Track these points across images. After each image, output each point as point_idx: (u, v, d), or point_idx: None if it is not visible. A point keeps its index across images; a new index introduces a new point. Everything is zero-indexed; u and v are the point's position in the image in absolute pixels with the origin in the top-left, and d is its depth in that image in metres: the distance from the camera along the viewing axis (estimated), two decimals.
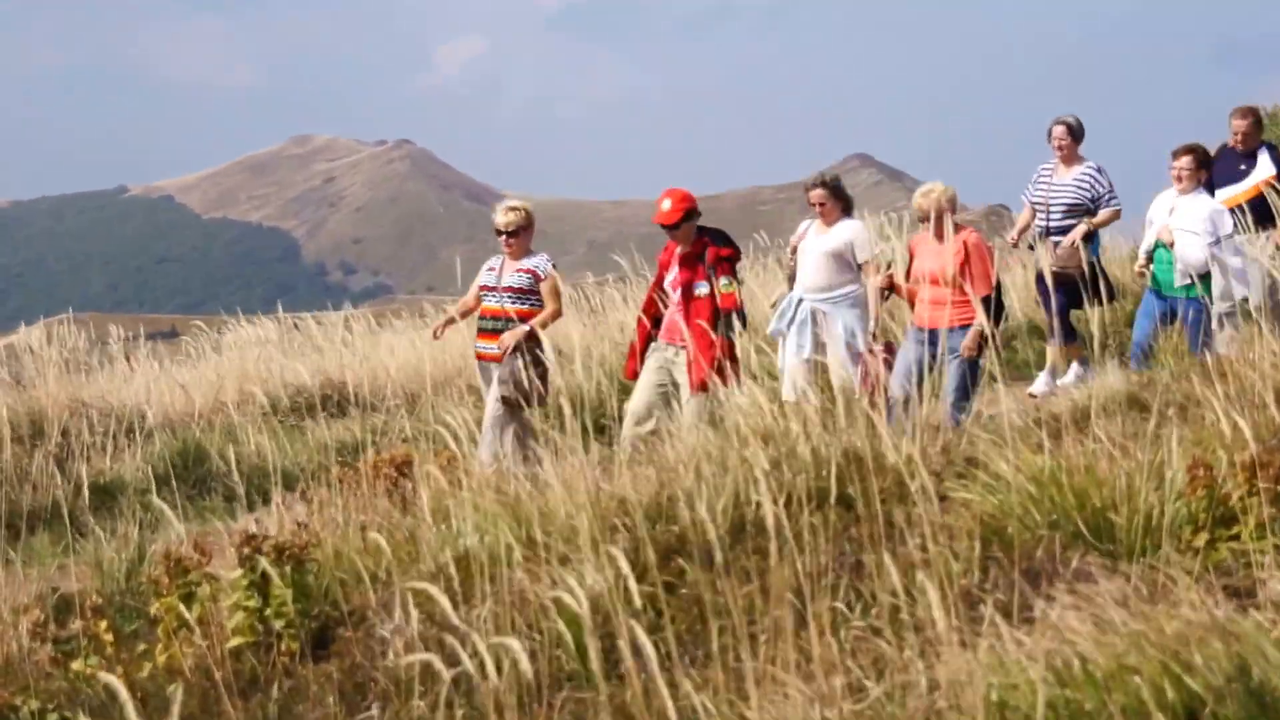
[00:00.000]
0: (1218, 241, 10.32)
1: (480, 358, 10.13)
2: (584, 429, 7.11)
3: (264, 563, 5.98)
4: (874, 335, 10.11)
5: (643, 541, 5.27)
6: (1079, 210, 11.52)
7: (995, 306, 9.56)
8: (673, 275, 9.99)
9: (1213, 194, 11.55)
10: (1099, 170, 11.62)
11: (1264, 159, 11.61)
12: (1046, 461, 5.69)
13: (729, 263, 9.89)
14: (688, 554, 5.39)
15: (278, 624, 5.96)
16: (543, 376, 9.62)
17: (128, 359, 16.98)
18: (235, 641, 5.96)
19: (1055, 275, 11.11)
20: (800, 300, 10.56)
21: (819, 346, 10.33)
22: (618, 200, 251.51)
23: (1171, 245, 10.47)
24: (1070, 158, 11.75)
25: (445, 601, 4.44)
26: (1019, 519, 5.53)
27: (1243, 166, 11.67)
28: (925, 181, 10.11)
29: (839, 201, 10.65)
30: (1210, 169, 10.79)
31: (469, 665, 4.33)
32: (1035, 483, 5.63)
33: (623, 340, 13.98)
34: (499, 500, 6.39)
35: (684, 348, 9.69)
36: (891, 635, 4.57)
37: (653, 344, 10.01)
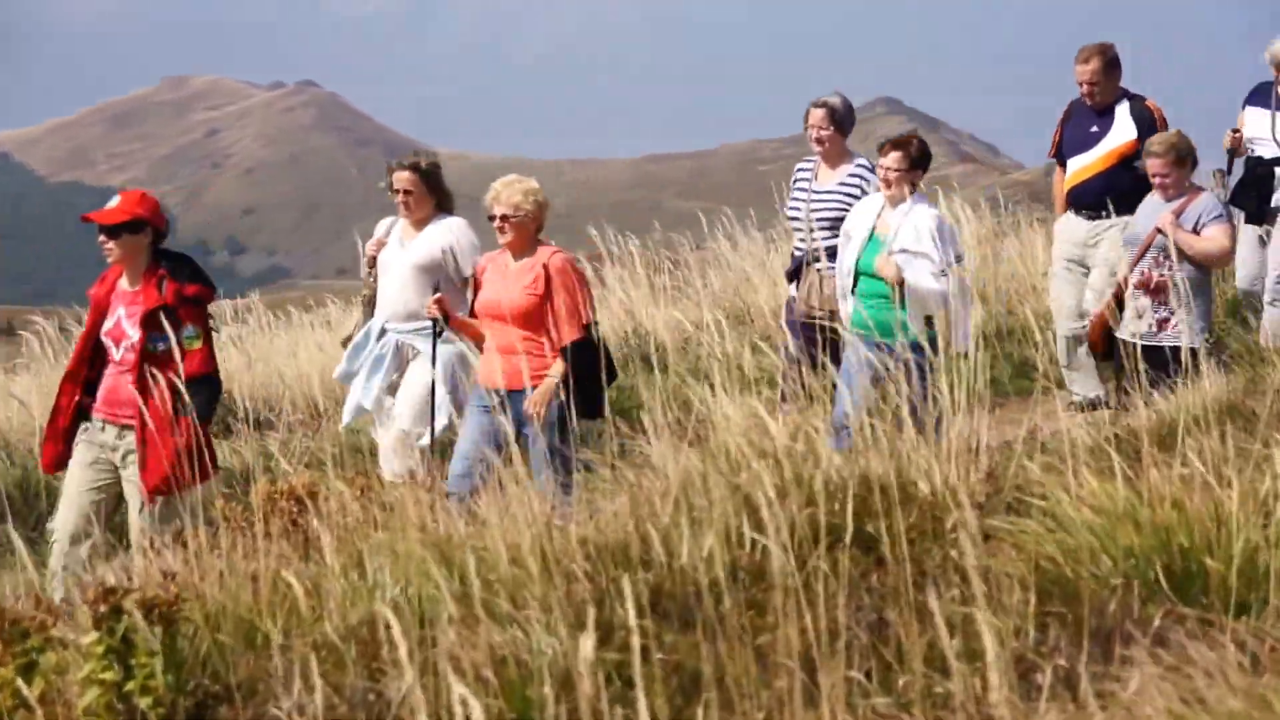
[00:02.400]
0: (945, 271, 9.43)
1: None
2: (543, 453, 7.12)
3: (126, 623, 5.96)
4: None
5: (609, 593, 5.28)
6: (838, 224, 10.30)
7: (590, 355, 8.77)
8: (113, 321, 8.84)
9: (1064, 166, 11.56)
10: (872, 170, 10.40)
11: (1122, 115, 11.25)
12: (1120, 492, 5.72)
13: (196, 305, 8.75)
14: (666, 609, 5.41)
15: (143, 702, 5.94)
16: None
17: None
18: None
19: (810, 324, 10.31)
20: (383, 331, 10.04)
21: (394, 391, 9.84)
22: (582, 159, 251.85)
23: (895, 278, 9.58)
24: (834, 154, 10.78)
25: (357, 672, 4.44)
26: (1085, 565, 5.56)
27: (1094, 128, 11.33)
28: (965, 131, 10.09)
29: (432, 194, 10.02)
30: (927, 166, 9.86)
31: None
32: (1106, 518, 5.67)
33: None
34: (426, 541, 6.40)
35: (133, 428, 8.65)
36: (923, 714, 4.60)
37: (85, 423, 8.88)
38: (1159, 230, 10.03)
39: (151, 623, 6.06)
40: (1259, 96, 11.48)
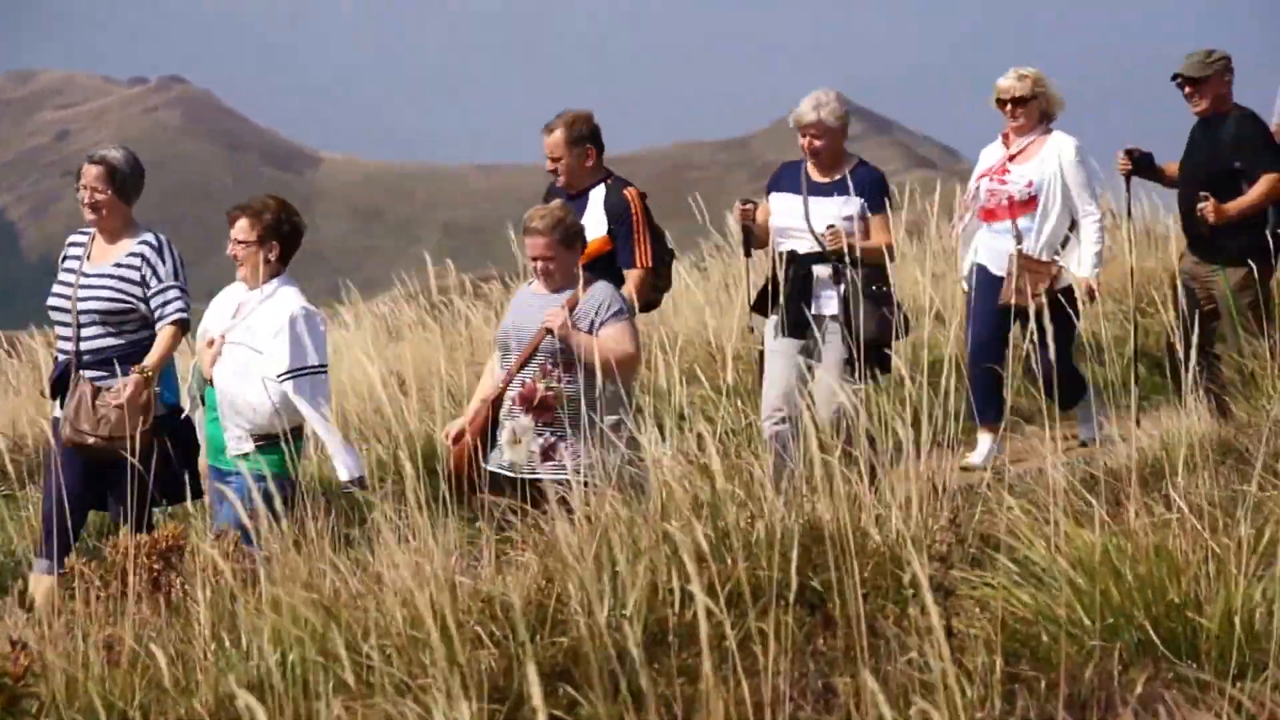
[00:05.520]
0: None
1: None
2: (441, 496, 7.12)
3: None
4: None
5: (519, 659, 5.27)
6: (114, 320, 9.60)
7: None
8: None
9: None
10: (162, 247, 9.73)
11: (595, 203, 10.36)
12: (1100, 539, 5.76)
13: None
14: (584, 676, 5.41)
15: None
16: None
17: None
18: None
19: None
20: None
21: None
22: (487, 164, 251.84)
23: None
24: (114, 225, 9.82)
25: None
26: (1061, 623, 5.59)
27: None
28: (923, 134, 10.21)
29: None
30: (289, 239, 9.50)
31: None
32: (1084, 570, 5.71)
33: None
34: (312, 602, 6.38)
35: None
36: None
37: None
38: (547, 330, 9.05)
39: None
40: (787, 179, 10.70)
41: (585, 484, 7.83)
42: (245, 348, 9.27)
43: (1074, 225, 11.26)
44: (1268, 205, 11.19)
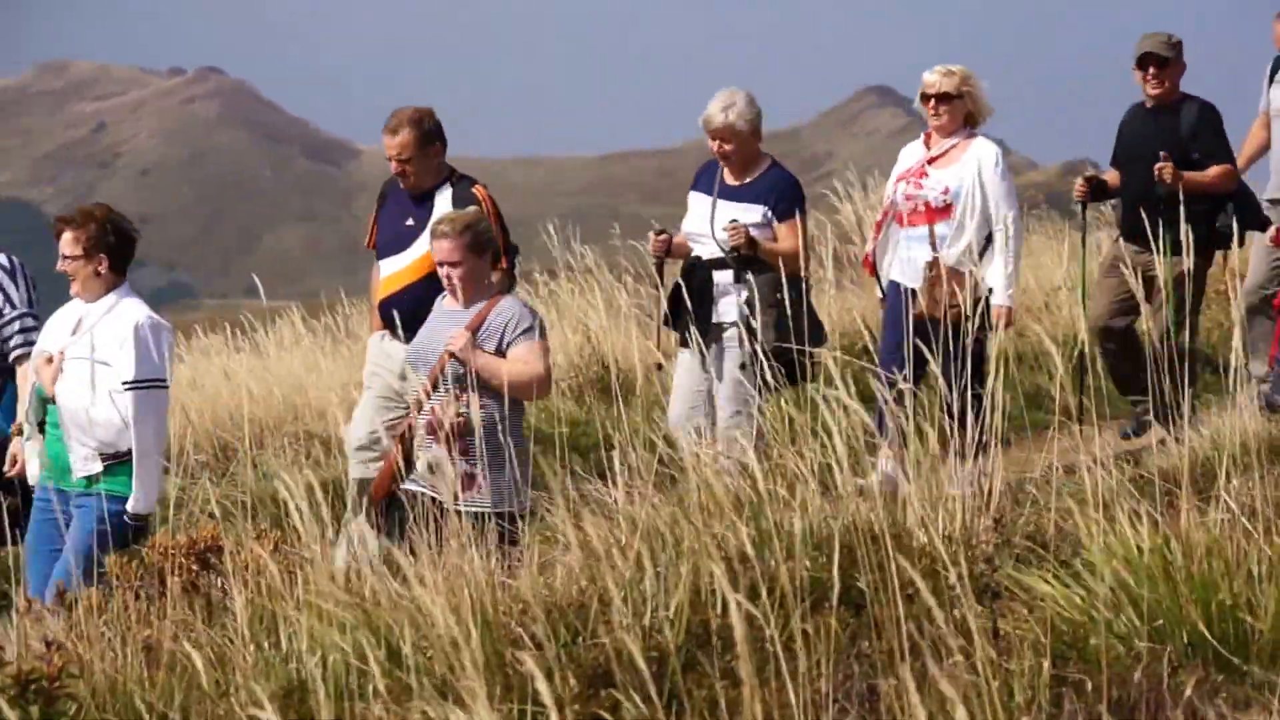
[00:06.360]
0: None
1: None
2: None
3: None
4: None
5: (559, 663, 5.30)
6: None
7: None
8: None
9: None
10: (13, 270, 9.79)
11: (443, 206, 9.87)
12: (1147, 539, 5.77)
13: None
14: (624, 680, 5.43)
15: None
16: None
17: None
18: None
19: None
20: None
21: None
22: (529, 157, 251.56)
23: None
24: None
25: None
26: (1109, 624, 5.60)
27: (410, 220, 10.06)
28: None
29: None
30: (120, 251, 9.20)
31: None
32: (1132, 570, 5.71)
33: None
34: (350, 605, 6.41)
35: None
36: None
37: None
38: (451, 354, 8.62)
39: (27, 701, 6.06)
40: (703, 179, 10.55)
41: (513, 514, 7.95)
42: (88, 362, 8.94)
43: (990, 239, 10.54)
44: (1215, 193, 11.02)
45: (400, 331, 9.50)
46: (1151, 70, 11.16)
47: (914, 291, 10.35)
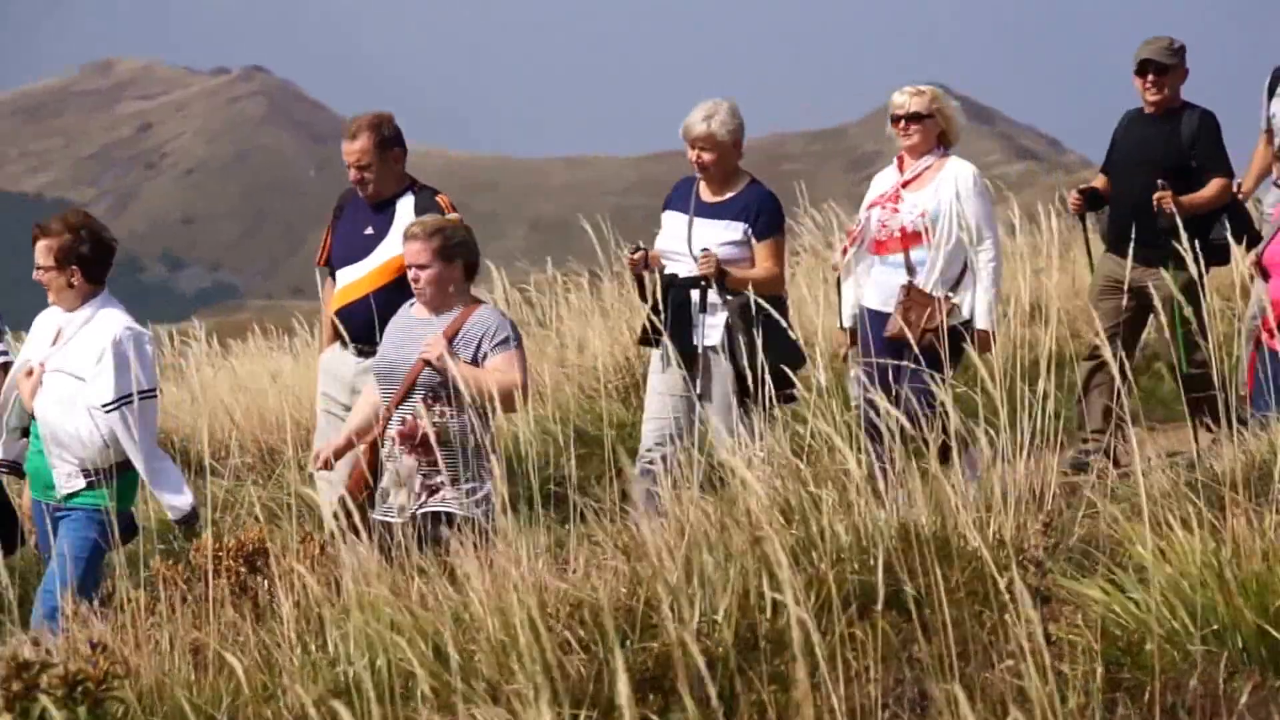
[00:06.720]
0: None
1: None
2: (529, 500, 7.16)
3: (45, 703, 5.98)
4: None
5: (609, 665, 5.30)
6: None
7: None
8: None
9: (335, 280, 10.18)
10: None
11: (405, 213, 9.73)
12: (1200, 544, 5.75)
13: None
14: (675, 683, 5.43)
15: None
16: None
17: None
18: None
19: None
20: None
21: None
22: (574, 157, 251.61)
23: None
24: None
25: None
26: (1162, 630, 5.59)
27: (369, 229, 9.95)
28: (1025, 124, 9.86)
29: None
30: (94, 263, 9.08)
31: None
32: (1187, 575, 5.70)
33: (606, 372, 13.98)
34: (397, 607, 6.43)
35: None
36: None
37: None
38: (425, 362, 8.50)
39: (74, 703, 6.09)
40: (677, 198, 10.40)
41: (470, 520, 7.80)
42: (66, 376, 8.88)
43: (968, 264, 10.24)
44: (1214, 208, 10.95)
45: (349, 343, 9.61)
46: (1151, 77, 11.12)
47: (887, 316, 10.15)
